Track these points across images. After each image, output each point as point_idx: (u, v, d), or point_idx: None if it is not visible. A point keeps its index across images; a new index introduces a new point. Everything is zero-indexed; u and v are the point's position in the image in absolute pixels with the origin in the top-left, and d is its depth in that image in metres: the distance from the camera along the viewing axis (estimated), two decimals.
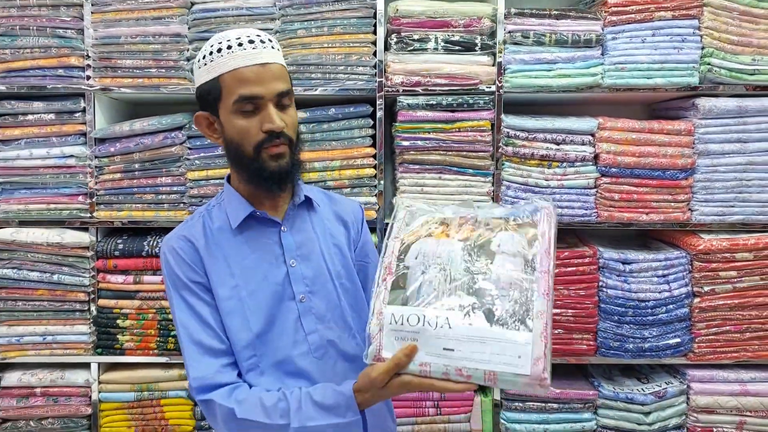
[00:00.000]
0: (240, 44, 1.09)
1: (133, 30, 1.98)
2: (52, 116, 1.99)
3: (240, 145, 1.11)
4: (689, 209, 1.99)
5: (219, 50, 1.09)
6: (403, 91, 1.98)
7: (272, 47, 1.12)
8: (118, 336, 2.00)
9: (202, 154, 1.99)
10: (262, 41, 1.10)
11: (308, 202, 1.24)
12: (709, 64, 1.94)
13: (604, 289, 1.98)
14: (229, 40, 1.09)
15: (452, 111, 1.98)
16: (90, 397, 2.01)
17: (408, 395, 2.00)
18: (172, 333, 2.00)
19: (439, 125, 1.98)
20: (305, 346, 1.16)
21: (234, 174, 1.20)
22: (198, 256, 1.15)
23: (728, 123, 1.96)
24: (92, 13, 1.98)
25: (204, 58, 1.11)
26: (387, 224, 1.99)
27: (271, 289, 1.16)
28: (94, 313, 2.00)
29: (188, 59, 2.00)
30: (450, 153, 1.99)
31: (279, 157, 1.11)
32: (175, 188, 2.02)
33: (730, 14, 1.95)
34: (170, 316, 1.98)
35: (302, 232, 1.21)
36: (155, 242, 2.00)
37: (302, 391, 1.10)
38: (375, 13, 1.98)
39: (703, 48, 1.95)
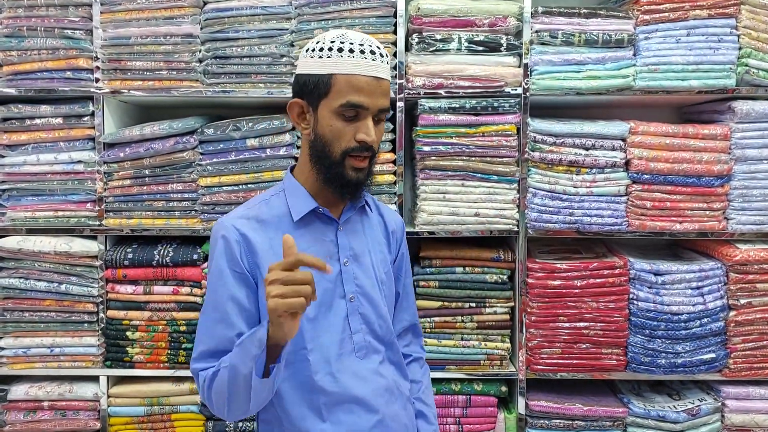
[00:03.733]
0: (362, 51, 1.11)
1: (143, 30, 1.91)
2: (59, 120, 1.92)
3: (330, 144, 1.13)
4: (725, 218, 1.90)
5: (340, 49, 1.10)
6: (425, 93, 1.90)
7: (386, 62, 1.14)
8: (127, 348, 1.93)
9: (214, 160, 1.92)
10: (381, 55, 1.13)
11: (362, 207, 1.27)
12: (746, 65, 1.86)
13: (635, 302, 1.89)
14: (351, 43, 1.11)
15: (476, 114, 1.90)
16: (99, 411, 1.94)
17: None
18: (183, 346, 1.92)
19: (462, 129, 1.90)
20: (350, 345, 1.19)
21: (304, 167, 1.21)
22: (254, 247, 1.15)
23: (767, 127, 1.87)
24: (101, 13, 1.91)
25: (321, 50, 1.12)
26: (407, 232, 1.92)
27: (324, 285, 1.17)
28: (103, 324, 1.94)
29: (200, 60, 1.93)
30: (473, 158, 1.91)
31: (360, 170, 1.15)
32: (186, 195, 1.94)
33: None
34: (181, 329, 1.93)
35: (355, 233, 1.25)
36: (165, 251, 1.93)
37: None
38: (395, 12, 1.90)
39: (740, 48, 1.87)
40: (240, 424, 1.93)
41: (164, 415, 1.94)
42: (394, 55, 1.91)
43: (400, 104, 1.90)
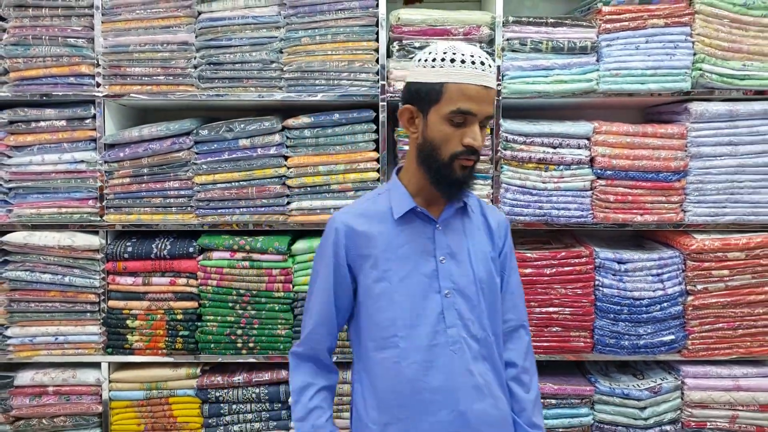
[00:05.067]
0: (473, 62, 1.20)
1: (141, 39, 2.04)
2: (63, 123, 2.04)
3: (438, 148, 1.22)
4: (682, 210, 2.05)
5: (452, 60, 1.20)
6: None
7: (493, 72, 1.23)
8: (127, 336, 2.05)
9: (209, 159, 2.05)
10: (489, 66, 1.21)
11: (464, 207, 1.33)
12: (700, 69, 2.01)
13: (600, 288, 2.03)
14: (463, 54, 1.20)
15: None
16: (101, 395, 2.06)
17: None
18: (180, 333, 2.05)
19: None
20: (444, 338, 1.26)
21: (410, 169, 1.31)
22: (357, 241, 1.29)
23: (720, 126, 2.03)
24: (102, 22, 2.03)
25: (434, 60, 1.21)
26: None
27: (420, 279, 1.27)
28: (105, 314, 2.06)
29: (195, 66, 2.06)
30: None
31: (466, 169, 1.24)
32: (182, 192, 2.07)
33: (720, 21, 2.02)
34: (178, 317, 2.05)
35: (454, 233, 1.31)
36: (163, 245, 2.05)
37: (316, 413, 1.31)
38: (377, 22, 2.03)
39: (694, 54, 2.01)
40: (234, 407, 2.06)
41: (162, 398, 2.06)
42: (377, 61, 2.05)
43: (382, 107, 2.04)
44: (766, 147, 2.02)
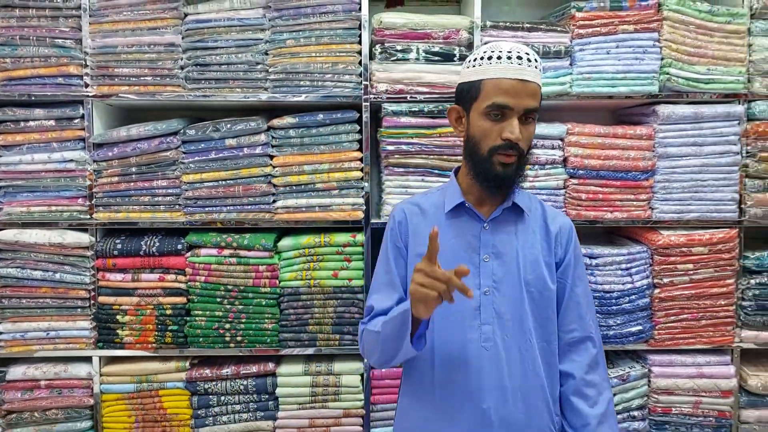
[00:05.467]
0: (509, 57, 1.21)
1: (129, 40, 2.08)
2: (52, 122, 2.08)
3: (478, 143, 1.25)
4: (650, 207, 2.16)
5: (489, 58, 1.23)
6: (388, 98, 2.11)
7: (536, 67, 1.23)
8: (117, 331, 2.11)
9: (196, 158, 2.10)
10: (528, 60, 1.22)
11: (517, 208, 1.33)
12: (668, 73, 2.11)
13: None
14: (500, 51, 1.23)
15: (433, 117, 2.12)
16: (92, 388, 2.12)
17: None
18: (169, 328, 2.11)
19: (422, 131, 2.11)
20: (477, 334, 1.27)
21: (463, 168, 1.36)
22: (408, 228, 1.36)
23: (685, 128, 2.13)
24: (90, 24, 2.07)
25: (474, 60, 1.26)
26: (373, 224, 2.13)
27: None
28: (95, 309, 2.11)
29: (182, 67, 2.10)
30: (432, 156, 2.13)
31: (507, 166, 1.24)
32: (170, 191, 2.12)
33: (687, 27, 2.12)
34: (167, 312, 2.12)
35: (503, 233, 1.31)
36: (152, 242, 2.10)
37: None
38: (360, 25, 2.10)
39: (662, 59, 2.11)
40: (222, 398, 2.13)
41: (152, 391, 2.12)
42: (360, 63, 2.12)
43: (365, 108, 2.11)
44: (728, 148, 2.13)
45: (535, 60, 1.23)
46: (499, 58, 1.22)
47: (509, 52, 1.22)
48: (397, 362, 1.28)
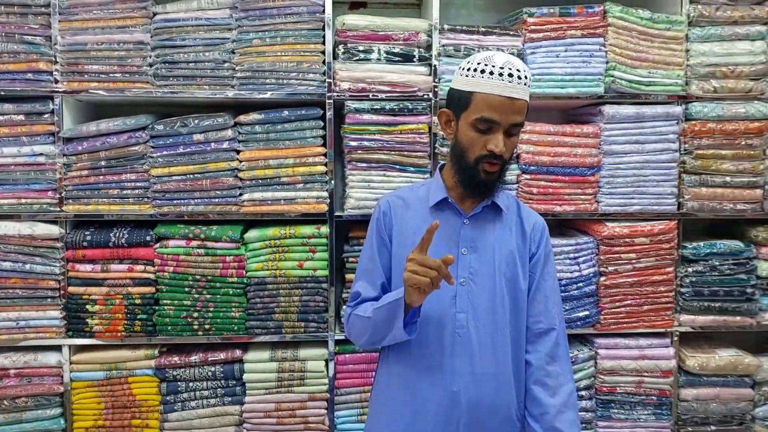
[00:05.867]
0: (501, 74, 1.26)
1: (98, 38, 2.14)
2: (22, 117, 2.12)
3: (465, 151, 1.33)
4: (596, 201, 2.30)
5: (482, 71, 1.28)
6: (350, 96, 2.21)
7: (525, 84, 1.29)
8: (87, 320, 2.17)
9: (164, 152, 2.17)
10: (519, 77, 1.27)
11: (496, 207, 1.42)
12: (612, 76, 2.25)
13: None
14: (494, 66, 1.27)
15: (394, 115, 2.22)
16: (62, 376, 2.17)
17: None
18: (138, 317, 2.18)
19: (383, 128, 2.22)
20: (452, 321, 1.36)
21: (448, 166, 1.44)
22: (392, 220, 1.44)
23: (628, 127, 2.28)
24: (59, 21, 2.12)
25: (468, 70, 1.31)
26: (337, 216, 2.23)
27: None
28: (65, 299, 2.16)
29: (151, 65, 2.17)
30: (393, 152, 2.24)
31: (490, 174, 1.33)
32: (139, 184, 2.19)
33: (629, 33, 2.27)
34: (136, 302, 2.18)
35: (482, 229, 1.41)
36: (121, 234, 2.17)
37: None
38: (324, 26, 2.20)
39: (607, 62, 2.26)
40: (191, 384, 2.20)
41: (122, 378, 2.19)
42: (324, 62, 2.21)
43: (329, 105, 2.21)
44: (668, 145, 2.29)
45: (526, 77, 1.29)
46: (491, 73, 1.27)
47: (502, 68, 1.27)
48: (386, 344, 1.40)
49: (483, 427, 1.37)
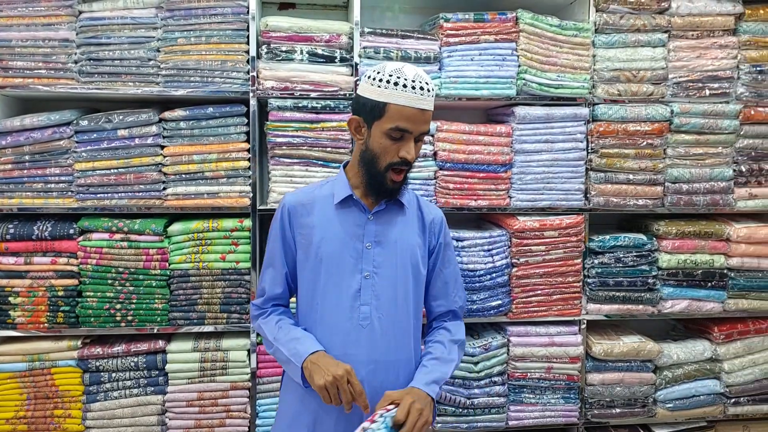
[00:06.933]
0: (413, 87, 1.37)
1: (24, 35, 2.18)
2: None
3: (377, 157, 1.43)
4: (508, 196, 2.43)
5: (396, 83, 1.37)
6: (274, 94, 2.29)
7: (431, 95, 1.41)
8: (10, 312, 2.19)
9: (88, 147, 2.22)
10: (428, 90, 1.40)
11: (398, 202, 1.53)
12: (523, 79, 2.39)
13: None
14: (406, 79, 1.38)
15: (317, 113, 2.31)
16: None
17: None
18: (61, 308, 2.21)
19: (306, 125, 2.31)
20: (356, 314, 1.45)
21: (354, 166, 1.52)
22: (298, 218, 1.52)
23: (538, 127, 2.42)
24: None
25: (380, 81, 1.39)
26: (260, 210, 2.30)
27: (346, 259, 1.47)
28: None
29: (76, 62, 2.22)
30: (315, 149, 2.33)
31: (397, 182, 1.45)
32: (63, 178, 2.23)
33: (540, 39, 2.41)
34: (59, 293, 2.22)
35: (386, 224, 1.51)
36: (44, 227, 2.20)
37: (290, 330, 1.49)
38: (248, 26, 2.28)
39: (519, 66, 2.39)
40: (114, 375, 2.25)
41: (45, 369, 2.22)
42: (247, 62, 2.29)
43: (252, 102, 2.29)
44: (575, 144, 2.44)
45: (431, 90, 1.41)
46: (404, 86, 1.37)
47: (413, 81, 1.38)
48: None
49: None
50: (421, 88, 1.38)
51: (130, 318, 2.24)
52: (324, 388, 1.32)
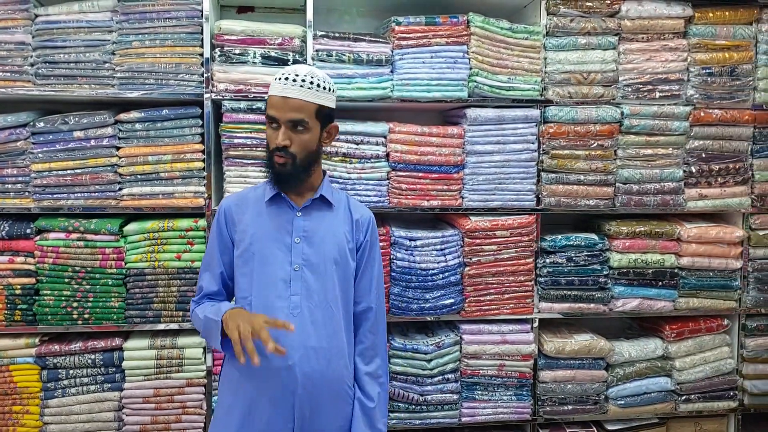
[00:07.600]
0: (280, 78, 1.50)
1: None
2: None
3: (267, 144, 1.57)
4: (461, 197, 2.48)
5: (275, 78, 1.51)
6: (228, 96, 2.33)
7: (308, 88, 1.49)
8: None
9: (45, 149, 2.26)
10: (294, 80, 1.48)
11: (325, 200, 1.62)
12: (475, 81, 2.43)
13: (395, 261, 2.42)
14: (283, 72, 1.51)
15: None
16: None
17: None
18: (19, 306, 2.26)
19: (259, 126, 2.35)
20: (287, 303, 1.54)
21: None
22: (234, 218, 1.62)
23: (490, 128, 2.46)
24: None
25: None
26: (215, 210, 2.33)
27: (276, 254, 1.56)
28: None
29: (32, 65, 2.26)
30: None
31: (280, 166, 1.53)
32: (20, 179, 2.27)
33: (491, 42, 2.45)
34: (17, 292, 2.26)
35: (313, 220, 1.60)
36: (2, 226, 2.24)
37: (218, 304, 1.58)
38: (202, 30, 2.32)
39: (470, 68, 2.43)
40: (71, 372, 2.29)
41: (2, 366, 2.26)
42: (202, 64, 2.33)
43: (206, 104, 2.33)
44: (527, 146, 2.48)
45: (310, 82, 1.49)
46: (277, 78, 1.51)
47: (284, 73, 1.50)
48: (215, 346, 1.58)
49: (317, 398, 1.55)
50: (286, 78, 1.49)
51: (87, 316, 2.29)
52: (236, 329, 1.37)
